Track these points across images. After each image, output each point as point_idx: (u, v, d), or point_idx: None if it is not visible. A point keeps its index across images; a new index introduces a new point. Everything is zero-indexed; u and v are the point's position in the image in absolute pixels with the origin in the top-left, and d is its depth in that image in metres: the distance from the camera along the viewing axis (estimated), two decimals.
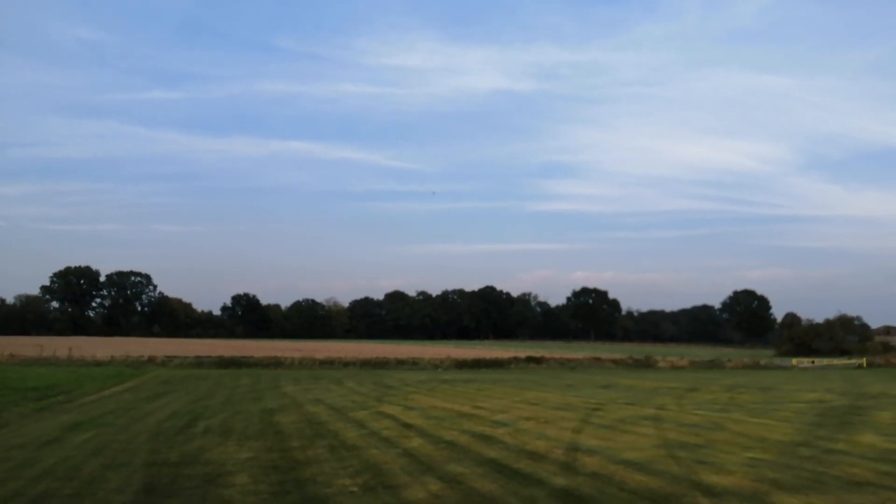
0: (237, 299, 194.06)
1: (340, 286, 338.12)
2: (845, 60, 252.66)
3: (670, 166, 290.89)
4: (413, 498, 9.02)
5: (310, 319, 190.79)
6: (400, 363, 54.06)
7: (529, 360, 57.04)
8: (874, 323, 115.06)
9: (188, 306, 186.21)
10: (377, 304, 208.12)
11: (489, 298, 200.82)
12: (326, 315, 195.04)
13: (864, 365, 62.55)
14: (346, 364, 52.41)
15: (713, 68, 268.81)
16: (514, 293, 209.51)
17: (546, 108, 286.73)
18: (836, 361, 66.95)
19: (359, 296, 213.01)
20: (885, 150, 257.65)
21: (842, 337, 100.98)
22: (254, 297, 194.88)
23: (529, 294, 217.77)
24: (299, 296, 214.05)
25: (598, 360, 61.17)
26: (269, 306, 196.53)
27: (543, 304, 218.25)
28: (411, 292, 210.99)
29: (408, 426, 16.48)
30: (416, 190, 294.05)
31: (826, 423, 17.20)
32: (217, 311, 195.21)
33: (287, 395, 25.76)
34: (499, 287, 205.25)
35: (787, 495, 8.95)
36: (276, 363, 51.63)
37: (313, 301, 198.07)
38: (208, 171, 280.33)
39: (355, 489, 9.55)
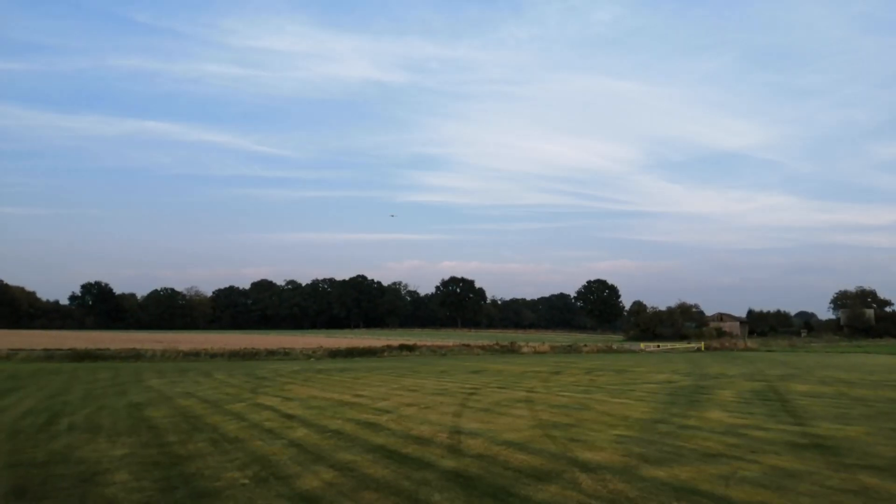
0: (87, 288, 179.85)
1: (203, 275, 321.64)
2: (685, 70, 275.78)
3: (531, 162, 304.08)
4: (307, 487, 9.05)
5: (169, 310, 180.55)
6: (271, 354, 52.64)
7: (402, 347, 57.62)
8: (709, 310, 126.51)
9: (31, 295, 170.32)
10: (243, 293, 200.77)
11: (360, 287, 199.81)
12: (187, 305, 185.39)
13: (703, 348, 68.97)
14: (213, 356, 50.26)
15: (570, 72, 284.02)
16: (385, 282, 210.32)
17: (416, 101, 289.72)
18: (678, 346, 73.26)
19: (223, 285, 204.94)
20: (717, 154, 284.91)
21: (682, 323, 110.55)
22: (106, 285, 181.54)
23: (399, 283, 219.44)
24: (157, 285, 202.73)
25: (467, 346, 62.88)
26: (123, 296, 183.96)
27: (413, 293, 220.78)
28: (279, 281, 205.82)
29: (289, 417, 16.28)
30: (284, 176, 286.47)
31: (677, 401, 18.98)
32: (65, 301, 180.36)
33: (153, 389, 24.42)
34: (369, 276, 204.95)
35: (654, 468, 9.92)
36: (135, 356, 48.48)
37: (172, 290, 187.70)
38: (54, 149, 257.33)
39: (246, 481, 9.41)
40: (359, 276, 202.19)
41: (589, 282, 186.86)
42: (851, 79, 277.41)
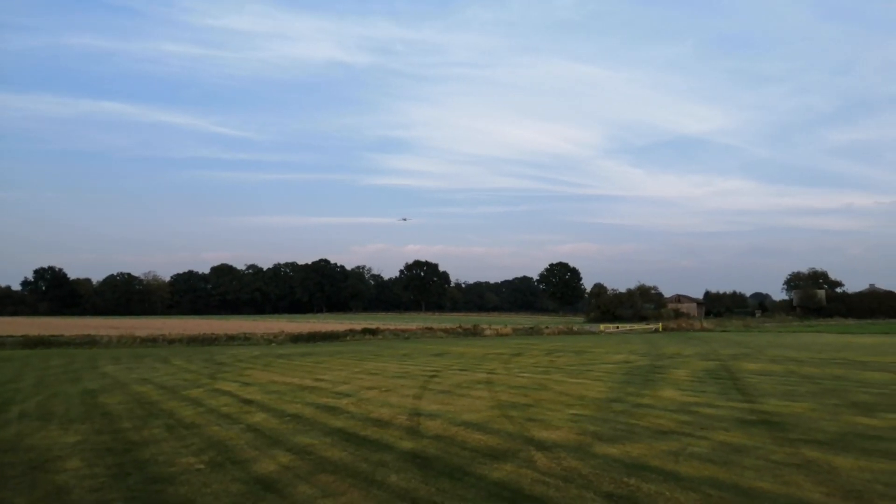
0: (40, 273, 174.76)
1: (160, 259, 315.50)
2: (649, 55, 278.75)
3: (496, 146, 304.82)
4: (263, 471, 9.02)
5: (126, 295, 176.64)
6: (231, 339, 52.02)
7: (365, 331, 57.53)
8: (667, 292, 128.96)
9: None
10: (202, 277, 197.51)
11: (323, 272, 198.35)
12: (145, 290, 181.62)
13: (660, 329, 70.50)
14: (171, 342, 49.45)
15: (535, 55, 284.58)
16: (348, 266, 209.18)
17: (381, 83, 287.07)
18: (636, 327, 74.68)
19: (181, 269, 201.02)
20: (678, 139, 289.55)
21: (641, 305, 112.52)
22: (60, 270, 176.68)
23: (363, 267, 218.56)
24: (113, 269, 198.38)
25: (430, 329, 63.11)
26: (78, 281, 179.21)
27: (377, 277, 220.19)
28: (240, 265, 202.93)
29: (248, 402, 16.16)
30: (246, 158, 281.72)
31: (633, 381, 19.40)
32: (16, 287, 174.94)
33: (108, 376, 23.95)
34: (332, 260, 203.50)
35: (607, 445, 10.15)
36: (90, 342, 47.44)
37: (129, 275, 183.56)
38: (5, 130, 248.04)
39: (201, 466, 9.34)
40: (322, 261, 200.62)
41: (551, 265, 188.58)
42: (809, 66, 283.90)
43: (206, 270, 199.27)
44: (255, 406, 15.37)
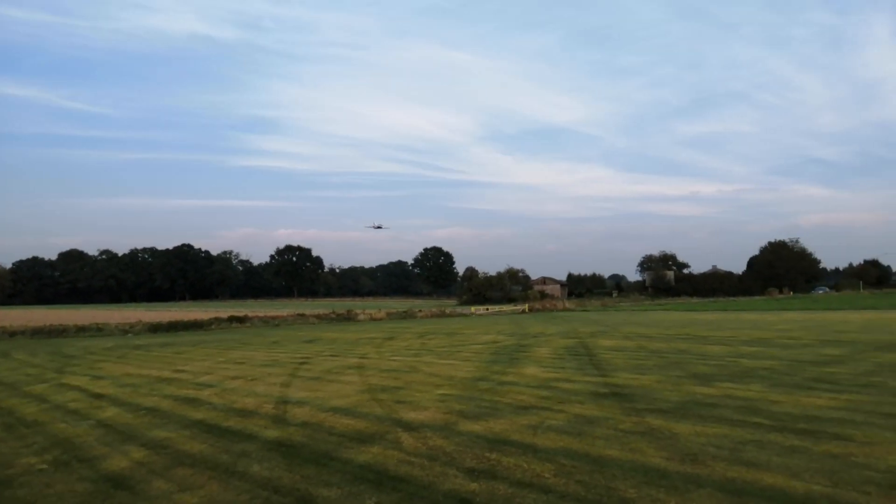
0: None
1: (1, 245, 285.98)
2: (518, 44, 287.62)
3: (372, 129, 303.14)
4: (114, 468, 8.50)
5: None
6: (81, 330, 48.22)
7: (232, 319, 55.35)
8: (534, 274, 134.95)
9: None
10: (49, 264, 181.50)
11: (186, 257, 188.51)
12: None
13: (527, 310, 73.52)
14: (12, 334, 45.03)
15: (409, 39, 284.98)
16: (214, 251, 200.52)
17: (249, 60, 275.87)
18: (505, 308, 77.41)
19: (25, 255, 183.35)
20: (545, 128, 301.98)
21: (509, 287, 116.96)
22: None
23: (231, 252, 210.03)
24: None
25: (302, 316, 61.87)
26: None
27: (246, 263, 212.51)
28: (92, 251, 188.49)
29: (98, 396, 15.09)
30: (100, 136, 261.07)
31: (499, 360, 20.11)
32: None
33: None
34: (197, 245, 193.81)
35: (471, 422, 10.48)
36: None
37: None
38: None
39: (44, 466, 8.65)
40: (184, 245, 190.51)
41: (426, 249, 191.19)
42: (663, 60, 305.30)
43: (54, 256, 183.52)
44: (107, 400, 14.40)
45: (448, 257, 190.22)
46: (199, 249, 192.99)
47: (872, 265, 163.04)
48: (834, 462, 7.67)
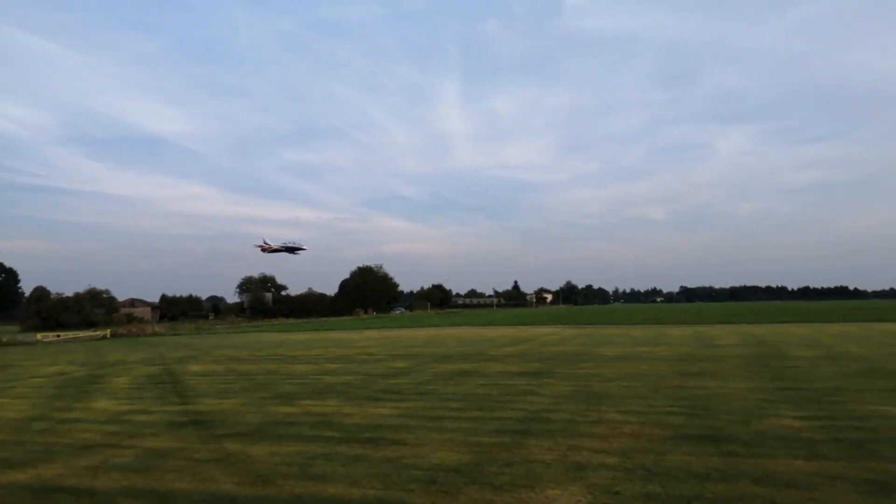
0: None
1: None
2: (117, 44, 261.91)
3: None
4: None
5: None
6: None
7: None
8: (122, 296, 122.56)
9: None
10: None
11: None
12: None
13: (109, 336, 66.15)
14: None
15: None
16: None
17: None
18: (81, 334, 68.35)
19: None
20: (143, 137, 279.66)
21: (90, 310, 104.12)
22: None
23: None
24: None
25: None
26: None
27: None
28: None
29: None
30: None
31: (65, 394, 17.63)
32: None
33: None
34: None
35: (16, 472, 8.91)
36: None
37: None
38: None
39: None
40: None
41: None
42: (272, 87, 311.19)
43: None
44: None
45: (11, 274, 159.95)
46: None
47: (438, 289, 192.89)
48: (388, 466, 8.66)
